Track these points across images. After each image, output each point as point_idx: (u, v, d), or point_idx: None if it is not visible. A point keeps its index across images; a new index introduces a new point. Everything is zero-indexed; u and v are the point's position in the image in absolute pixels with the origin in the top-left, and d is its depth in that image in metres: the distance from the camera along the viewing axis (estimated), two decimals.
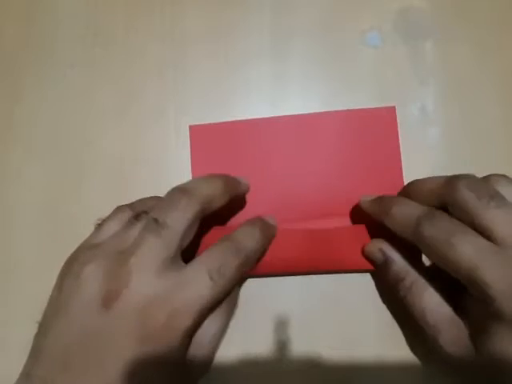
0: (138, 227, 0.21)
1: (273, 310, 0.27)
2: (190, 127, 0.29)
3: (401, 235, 0.23)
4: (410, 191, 0.25)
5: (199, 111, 0.30)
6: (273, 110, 0.30)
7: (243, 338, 0.24)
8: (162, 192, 0.28)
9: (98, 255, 0.21)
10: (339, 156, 0.29)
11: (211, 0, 0.31)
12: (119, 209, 0.24)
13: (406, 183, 0.28)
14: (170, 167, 0.29)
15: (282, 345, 0.27)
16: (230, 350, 0.25)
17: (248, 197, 0.28)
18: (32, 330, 0.27)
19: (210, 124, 0.29)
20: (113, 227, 0.22)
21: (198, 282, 0.20)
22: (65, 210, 0.28)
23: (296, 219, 0.28)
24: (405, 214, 0.23)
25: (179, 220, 0.21)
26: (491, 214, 0.20)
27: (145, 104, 0.30)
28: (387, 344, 0.27)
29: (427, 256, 0.22)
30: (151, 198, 0.25)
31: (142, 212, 0.22)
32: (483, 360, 0.20)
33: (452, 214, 0.22)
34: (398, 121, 0.29)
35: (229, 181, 0.25)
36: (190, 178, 0.29)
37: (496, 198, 0.21)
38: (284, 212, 0.28)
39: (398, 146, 0.29)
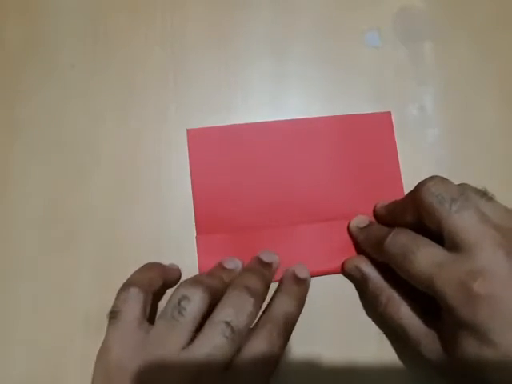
0: (186, 322, 0.22)
1: None
2: (188, 131, 0.29)
3: (375, 258, 0.25)
4: (389, 213, 0.27)
5: (200, 113, 0.30)
6: (273, 111, 0.30)
7: None
8: (162, 191, 0.29)
9: (154, 357, 0.21)
10: (337, 160, 0.29)
11: (212, 3, 0.31)
12: (126, 292, 0.24)
13: (404, 185, 0.29)
14: (171, 168, 0.29)
15: None
16: None
17: (247, 200, 0.28)
18: (33, 327, 0.27)
19: (208, 127, 0.29)
20: (133, 316, 0.23)
21: (257, 370, 0.22)
22: (65, 210, 0.28)
23: (294, 223, 0.28)
24: (375, 237, 0.25)
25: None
26: (452, 219, 0.20)
27: (146, 105, 0.30)
28: (387, 344, 0.27)
29: (398, 273, 0.23)
30: (150, 268, 0.26)
31: (181, 299, 0.22)
32: (458, 366, 0.21)
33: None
34: (397, 121, 0.29)
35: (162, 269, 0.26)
36: (190, 182, 0.28)
37: (458, 200, 0.21)
38: (282, 216, 0.28)
39: (396, 150, 0.29)
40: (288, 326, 0.24)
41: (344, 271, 0.27)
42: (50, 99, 0.30)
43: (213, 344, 0.21)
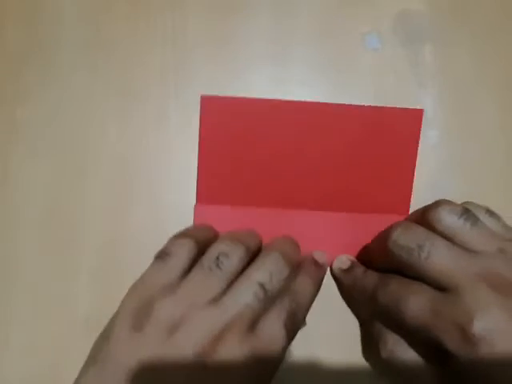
0: (221, 276, 0.22)
1: None
2: (202, 97, 0.27)
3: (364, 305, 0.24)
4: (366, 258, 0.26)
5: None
6: None
7: None
8: (162, 191, 0.29)
9: (182, 301, 0.21)
10: (353, 151, 0.28)
11: (212, 5, 0.31)
12: (182, 241, 0.23)
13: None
14: (172, 168, 0.29)
15: None
16: None
17: (253, 177, 0.28)
18: (33, 329, 0.27)
19: (224, 97, 0.27)
20: (180, 264, 0.22)
21: (278, 336, 0.22)
22: (66, 211, 0.28)
23: (297, 208, 0.28)
24: (364, 287, 0.24)
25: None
26: (425, 266, 0.20)
27: (146, 106, 0.30)
28: None
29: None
30: (207, 229, 0.25)
31: (221, 254, 0.22)
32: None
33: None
34: None
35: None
36: (197, 158, 0.27)
37: (425, 246, 0.21)
38: (286, 198, 0.28)
39: (416, 150, 0.28)
40: (305, 303, 0.24)
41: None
42: (50, 100, 0.30)
43: (244, 302, 0.21)
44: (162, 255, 0.23)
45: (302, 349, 0.26)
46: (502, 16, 0.31)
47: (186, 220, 0.29)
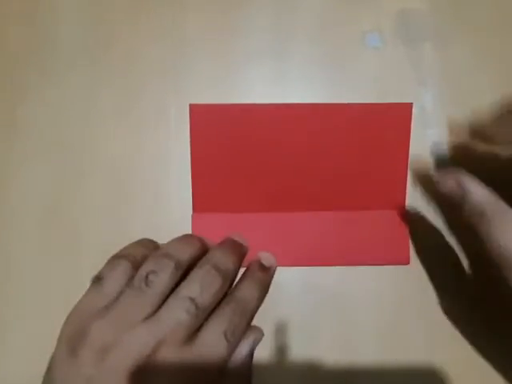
0: (152, 294, 0.22)
1: (273, 314, 0.27)
2: (191, 106, 0.27)
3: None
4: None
5: None
6: None
7: None
8: (162, 191, 0.29)
9: (115, 322, 0.21)
10: (344, 149, 0.28)
11: (212, 0, 0.31)
12: (116, 262, 0.23)
13: (408, 183, 0.29)
14: (171, 168, 0.29)
15: (282, 348, 0.27)
16: None
17: (246, 183, 0.28)
18: (32, 330, 0.27)
19: (212, 104, 0.28)
20: (116, 286, 0.22)
21: (217, 346, 0.22)
22: (65, 211, 0.28)
23: (292, 210, 0.28)
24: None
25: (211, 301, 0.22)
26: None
27: (145, 105, 0.30)
28: (386, 347, 0.27)
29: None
30: (145, 244, 0.25)
31: (150, 272, 0.22)
32: None
33: None
34: None
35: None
36: (190, 165, 0.28)
37: None
38: (281, 201, 0.28)
39: (408, 144, 0.28)
40: (249, 309, 0.24)
41: (440, 189, 0.25)
42: (50, 99, 0.30)
43: (175, 319, 0.21)
44: (96, 279, 0.23)
45: (302, 349, 0.27)
46: (502, 14, 0.31)
47: (187, 219, 0.29)
